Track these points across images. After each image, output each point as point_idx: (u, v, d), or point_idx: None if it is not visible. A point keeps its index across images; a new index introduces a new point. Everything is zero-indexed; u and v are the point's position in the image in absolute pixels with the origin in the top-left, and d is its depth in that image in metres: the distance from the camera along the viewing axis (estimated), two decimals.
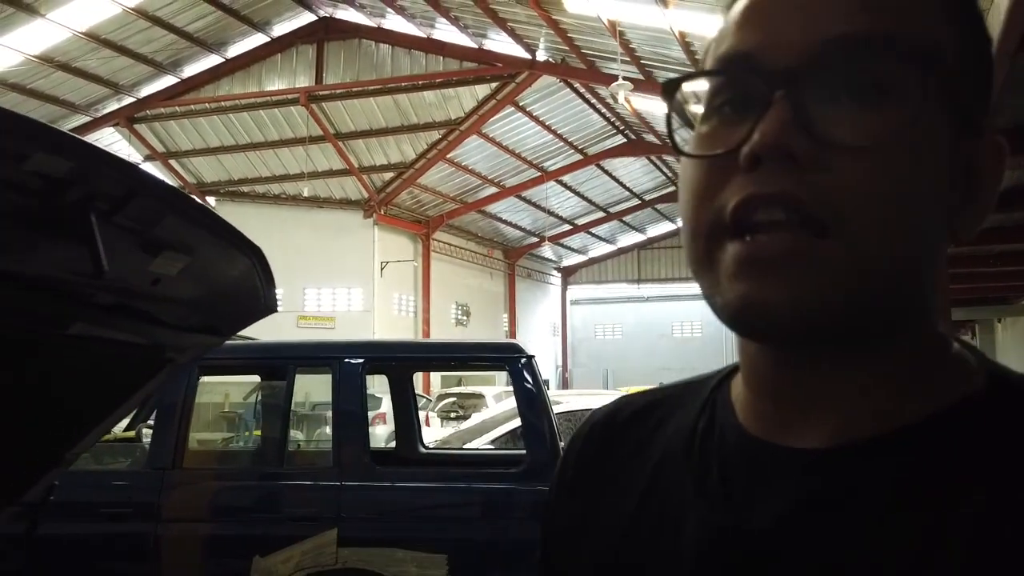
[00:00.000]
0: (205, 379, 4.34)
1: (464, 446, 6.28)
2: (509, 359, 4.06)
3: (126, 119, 19.71)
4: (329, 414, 4.55)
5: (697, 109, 0.49)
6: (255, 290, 1.33)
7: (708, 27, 12.98)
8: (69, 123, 18.94)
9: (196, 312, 1.31)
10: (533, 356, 4.06)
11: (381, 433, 10.97)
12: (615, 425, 0.61)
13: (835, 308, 0.42)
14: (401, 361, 4.67)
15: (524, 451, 4.02)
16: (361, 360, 3.99)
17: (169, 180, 16.11)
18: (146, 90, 19.27)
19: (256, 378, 5.51)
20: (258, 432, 6.25)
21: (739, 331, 0.46)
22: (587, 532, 0.58)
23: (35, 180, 0.85)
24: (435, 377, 22.24)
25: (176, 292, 1.20)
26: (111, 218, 0.94)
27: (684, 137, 0.47)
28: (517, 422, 6.22)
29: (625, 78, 13.37)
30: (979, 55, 0.47)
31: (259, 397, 5.38)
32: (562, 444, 4.03)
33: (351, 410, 3.95)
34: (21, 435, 1.40)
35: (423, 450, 5.02)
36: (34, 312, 1.08)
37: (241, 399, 9.36)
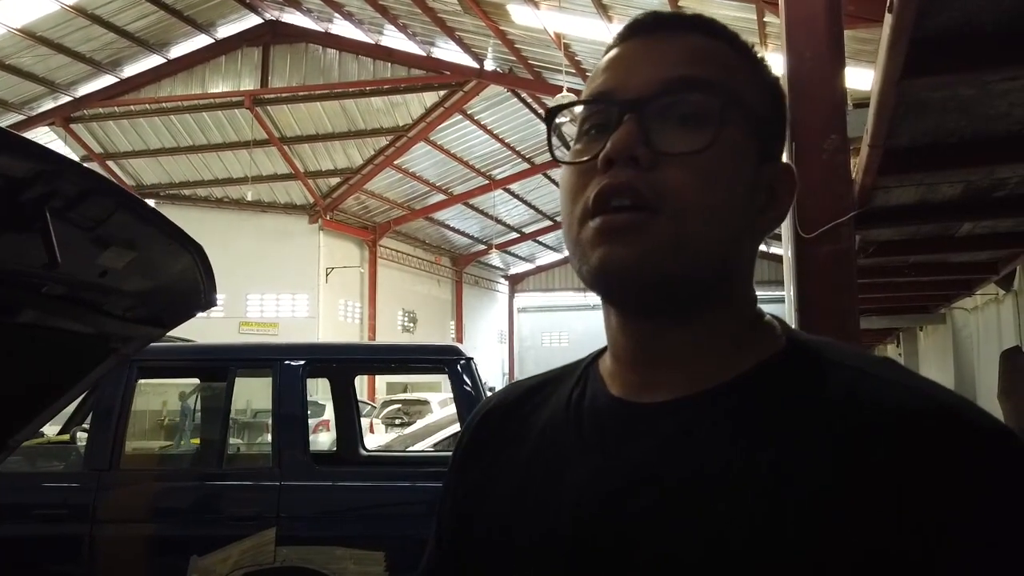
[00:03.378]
0: (144, 381, 4.33)
1: (406, 449, 6.36)
2: (448, 360, 4.16)
3: (62, 118, 19.18)
4: (268, 420, 4.60)
5: (572, 130, 0.65)
6: (196, 284, 1.43)
7: None
8: (1, 122, 18.34)
9: (141, 304, 1.40)
10: (472, 358, 4.17)
11: (325, 440, 10.91)
12: (504, 406, 0.73)
13: (664, 264, 0.57)
14: (341, 363, 4.73)
15: None
16: (302, 362, 4.05)
17: None
18: (84, 89, 18.77)
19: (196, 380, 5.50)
20: (196, 440, 6.21)
21: (600, 289, 0.60)
22: (485, 497, 0.68)
23: None
24: (380, 385, 22.14)
25: (123, 284, 1.29)
26: (65, 215, 1.04)
27: (563, 152, 0.64)
28: (458, 426, 6.34)
29: (570, 89, 13.64)
30: (774, 106, 0.63)
31: (198, 399, 5.38)
32: None
33: (291, 411, 4.01)
34: None
35: (364, 452, 5.09)
36: None
37: (179, 402, 9.21)
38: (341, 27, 18.58)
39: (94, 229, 1.13)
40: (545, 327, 35.06)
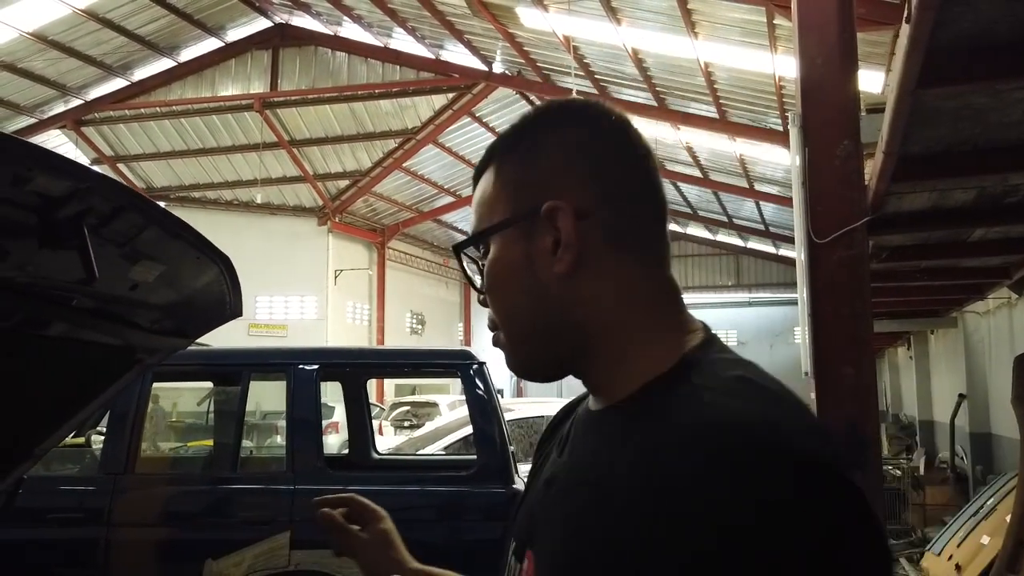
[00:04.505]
0: (158, 385, 4.37)
1: (417, 452, 6.37)
2: (461, 365, 4.18)
3: (73, 121, 19.29)
4: (281, 423, 4.64)
5: None
6: (222, 295, 1.45)
7: (659, 45, 13.35)
8: (13, 125, 18.47)
9: (168, 316, 1.42)
10: (484, 363, 4.19)
11: (334, 442, 10.95)
12: (570, 406, 0.88)
13: (519, 361, 0.76)
14: (354, 367, 4.75)
15: (475, 456, 4.14)
16: (315, 366, 4.07)
17: None
18: (95, 92, 18.88)
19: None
20: (209, 442, 6.24)
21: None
22: (526, 487, 0.85)
23: (35, 199, 0.97)
24: (389, 387, 22.17)
25: (151, 297, 1.31)
26: (100, 231, 1.06)
27: None
28: (469, 429, 6.34)
29: (579, 92, 13.65)
30: (529, 195, 0.73)
31: (212, 403, 5.41)
32: (512, 449, 4.17)
33: (305, 416, 4.03)
34: None
35: (376, 456, 5.11)
36: (18, 314, 1.19)
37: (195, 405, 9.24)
38: (350, 30, 18.62)
39: (126, 244, 1.15)
40: None
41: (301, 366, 4.04)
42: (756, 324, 34.32)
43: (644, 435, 0.62)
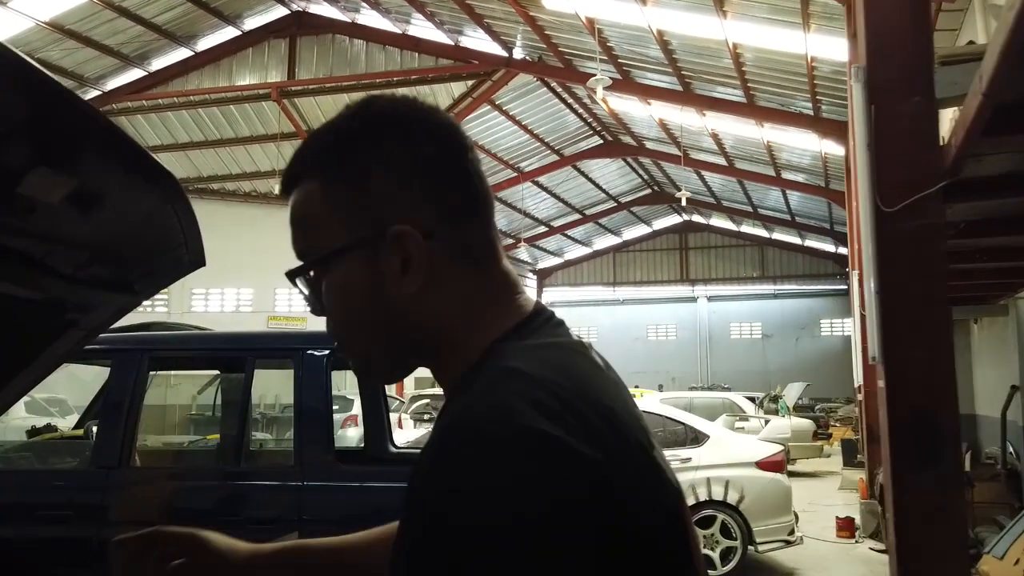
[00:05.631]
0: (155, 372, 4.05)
1: None
2: None
3: None
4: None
5: None
6: (173, 236, 1.08)
7: (686, 25, 12.86)
8: None
9: (98, 260, 1.05)
10: None
11: (353, 435, 10.71)
12: None
13: (370, 368, 0.79)
14: None
15: None
16: (326, 352, 3.73)
17: None
18: (112, 83, 18.76)
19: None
20: (215, 437, 5.93)
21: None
22: None
23: None
24: (408, 380, 21.91)
25: (63, 229, 0.95)
26: None
27: None
28: None
29: (604, 74, 13.22)
30: (368, 218, 0.73)
31: (217, 392, 5.09)
32: None
33: (314, 406, 3.69)
34: None
35: (394, 449, 4.76)
36: None
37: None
38: (368, 17, 18.32)
39: (7, 139, 0.78)
40: (573, 322, 33.74)
41: (310, 352, 3.70)
42: (781, 316, 33.66)
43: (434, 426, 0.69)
